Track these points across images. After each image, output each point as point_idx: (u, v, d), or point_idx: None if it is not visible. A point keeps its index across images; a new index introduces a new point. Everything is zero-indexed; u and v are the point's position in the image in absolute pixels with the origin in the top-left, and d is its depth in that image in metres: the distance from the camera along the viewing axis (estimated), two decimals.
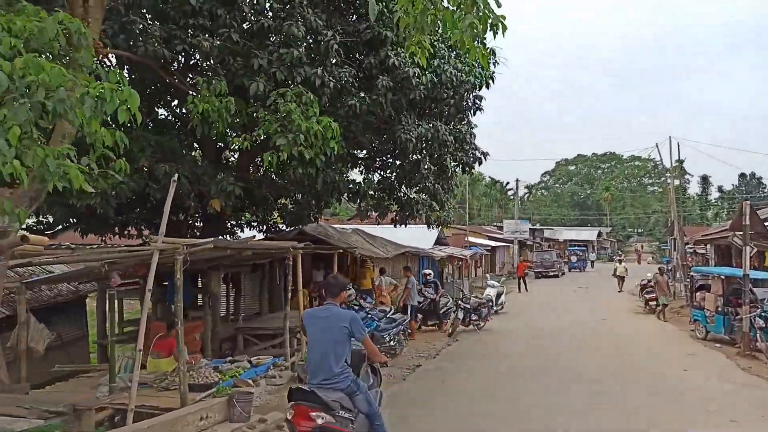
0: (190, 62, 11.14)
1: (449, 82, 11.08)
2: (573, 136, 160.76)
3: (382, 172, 14.19)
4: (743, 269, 13.01)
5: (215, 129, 8.85)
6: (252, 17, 10.16)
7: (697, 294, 16.33)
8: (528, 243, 51.96)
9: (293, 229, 14.95)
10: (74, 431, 5.45)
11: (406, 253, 18.89)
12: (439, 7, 6.25)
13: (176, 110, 12.64)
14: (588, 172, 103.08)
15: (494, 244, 43.46)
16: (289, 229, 15.24)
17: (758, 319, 12.28)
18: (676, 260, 27.17)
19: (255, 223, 15.56)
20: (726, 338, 14.03)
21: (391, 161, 13.76)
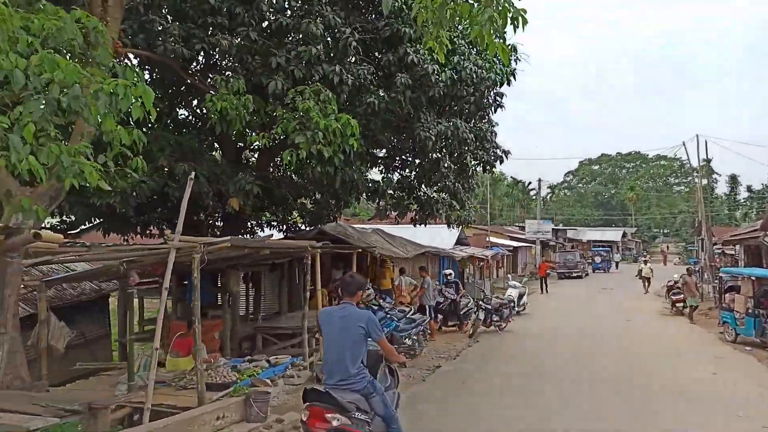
0: (210, 62, 11.18)
1: (469, 78, 10.94)
2: (597, 135, 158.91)
3: (402, 171, 14.09)
4: None
5: (233, 127, 8.85)
6: (270, 16, 10.15)
7: (726, 295, 15.94)
8: (551, 243, 51.35)
9: (313, 228, 14.93)
10: (90, 430, 5.44)
11: (426, 253, 18.71)
12: (458, 0, 6.12)
13: (196, 110, 12.70)
14: (612, 172, 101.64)
15: (516, 244, 42.99)
16: (309, 228, 15.22)
17: None
18: (704, 261, 26.58)
19: (275, 223, 15.59)
20: (756, 341, 13.66)
21: (411, 160, 13.66)
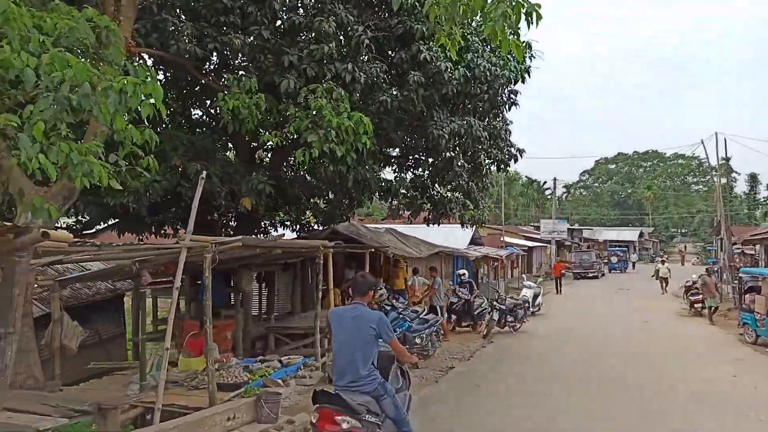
0: (224, 61, 11.18)
1: (483, 76, 10.81)
2: (613, 134, 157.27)
3: (415, 170, 13.99)
4: None
5: (246, 126, 8.81)
6: (283, 14, 10.12)
7: (746, 296, 15.64)
8: (566, 243, 50.91)
9: (326, 228, 14.89)
10: (101, 430, 5.43)
11: (440, 253, 18.58)
12: None
13: (210, 110, 12.72)
14: (629, 171, 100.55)
15: (531, 244, 42.67)
16: (322, 228, 15.19)
17: None
18: (724, 261, 26.13)
19: (288, 223, 15.57)
20: None
21: (424, 159, 13.56)
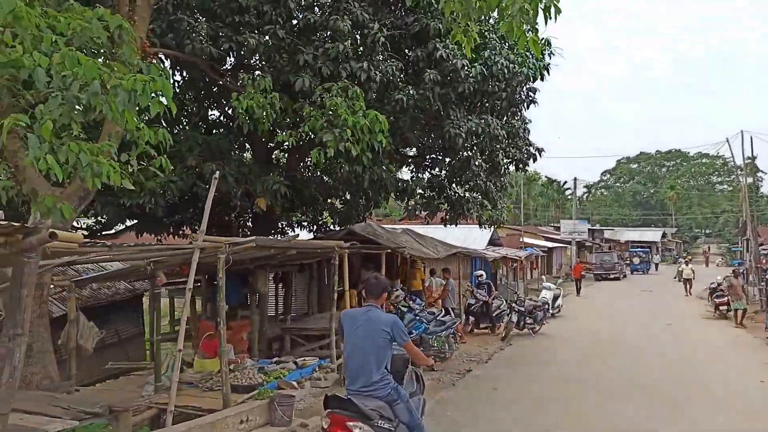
0: (240, 61, 11.16)
1: (500, 74, 10.62)
2: (635, 133, 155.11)
3: (432, 170, 13.83)
4: None
5: (261, 126, 8.76)
6: (298, 13, 10.06)
7: None
8: (587, 244, 50.25)
9: (342, 228, 14.80)
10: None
11: (458, 254, 18.35)
12: None
13: (226, 110, 12.72)
14: (651, 171, 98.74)
15: (551, 245, 42.19)
16: (339, 228, 15.11)
17: None
18: (750, 262, 25.48)
19: (305, 223, 15.53)
20: None
21: (441, 158, 13.39)
